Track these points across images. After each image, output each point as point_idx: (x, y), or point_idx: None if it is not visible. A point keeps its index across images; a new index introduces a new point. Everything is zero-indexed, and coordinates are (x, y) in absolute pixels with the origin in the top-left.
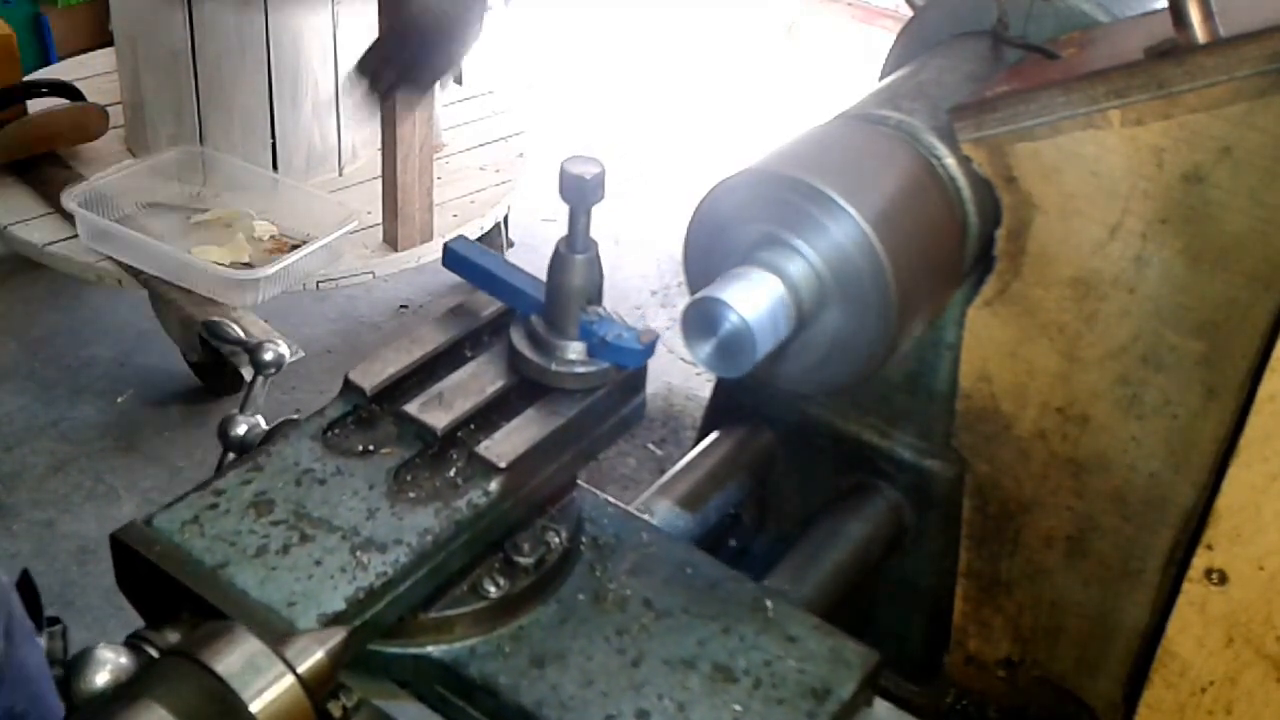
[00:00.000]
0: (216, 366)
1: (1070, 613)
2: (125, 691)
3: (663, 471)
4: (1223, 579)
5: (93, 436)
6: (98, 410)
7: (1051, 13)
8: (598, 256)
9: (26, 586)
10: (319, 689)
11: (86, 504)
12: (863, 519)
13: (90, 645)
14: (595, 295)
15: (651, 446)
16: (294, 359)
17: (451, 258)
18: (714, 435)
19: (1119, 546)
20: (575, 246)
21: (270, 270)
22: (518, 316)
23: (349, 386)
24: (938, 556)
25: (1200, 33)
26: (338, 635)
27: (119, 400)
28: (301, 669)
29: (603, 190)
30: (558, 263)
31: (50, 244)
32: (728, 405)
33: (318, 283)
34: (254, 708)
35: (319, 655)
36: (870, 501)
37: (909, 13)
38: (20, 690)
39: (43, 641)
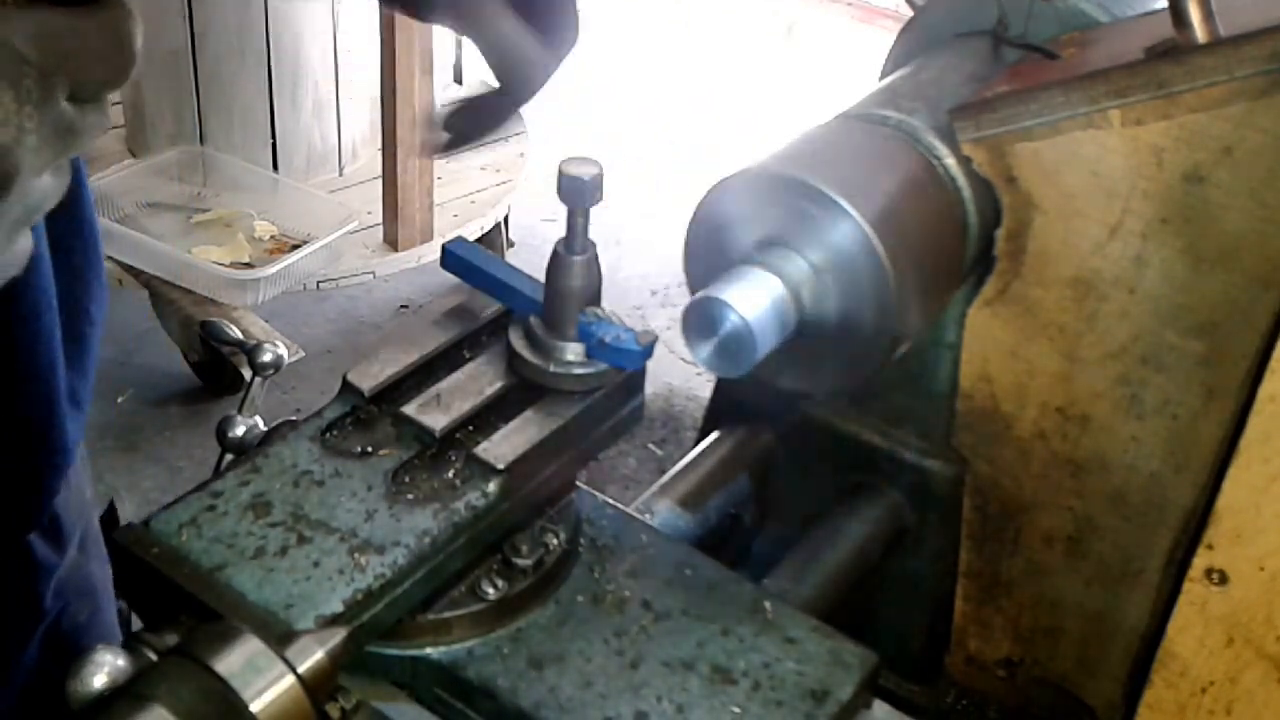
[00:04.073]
0: (216, 366)
1: (1070, 613)
2: (125, 691)
3: (663, 471)
4: (1223, 579)
5: (93, 436)
6: (98, 410)
7: (1051, 13)
8: (596, 258)
9: (110, 515)
10: (319, 689)
11: None
12: (863, 519)
13: (88, 647)
14: (594, 296)
15: (652, 446)
16: (294, 359)
17: (449, 259)
18: (714, 435)
19: (1119, 546)
20: (574, 248)
21: (270, 270)
22: (516, 318)
23: (347, 387)
24: (938, 556)
25: (1200, 33)
26: (338, 635)
27: (119, 400)
28: (302, 669)
29: (601, 191)
30: (556, 264)
31: None
32: (728, 405)
33: (318, 283)
34: (254, 708)
35: (319, 655)
36: (870, 501)
37: (909, 13)
38: (84, 600)
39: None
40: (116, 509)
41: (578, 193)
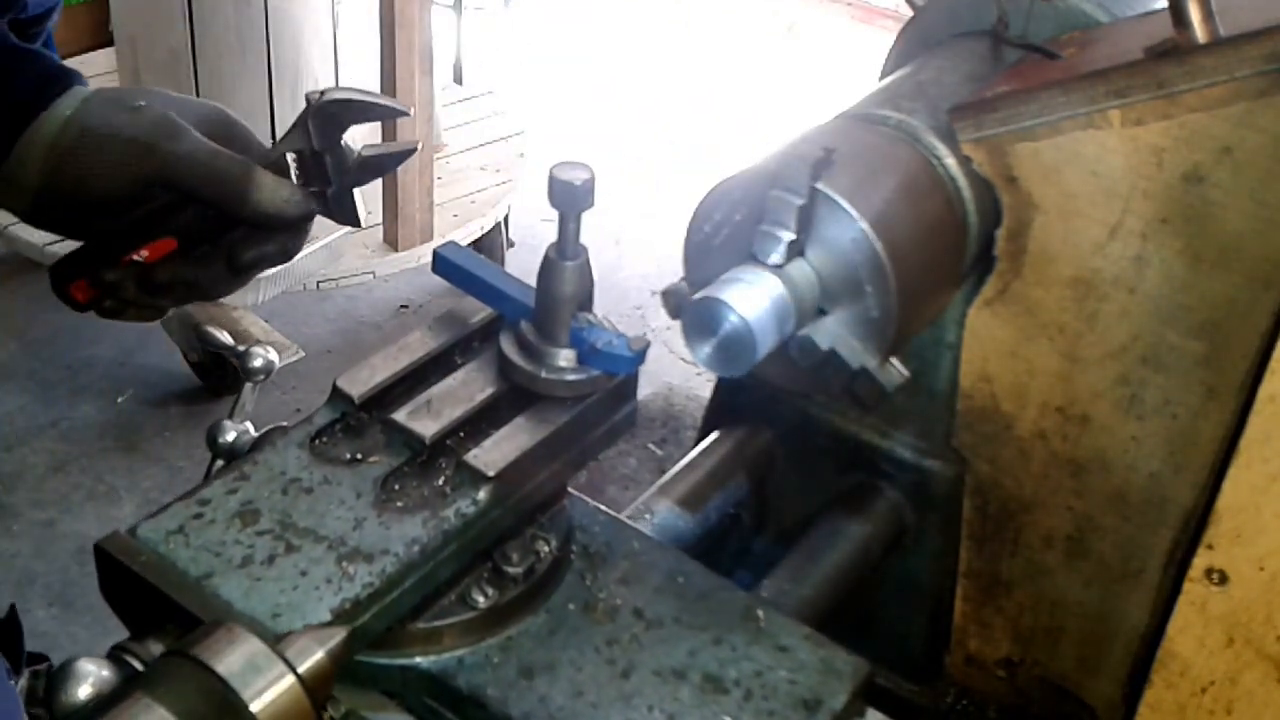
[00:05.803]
0: (216, 366)
1: (1070, 613)
2: (125, 691)
3: (663, 471)
4: (1223, 579)
5: (93, 436)
6: (98, 410)
7: (1051, 13)
8: (588, 263)
9: (10, 623)
10: (319, 689)
11: (86, 504)
12: (863, 519)
13: (71, 658)
14: (586, 302)
15: (652, 446)
16: (294, 359)
17: (441, 264)
18: (714, 435)
19: (1119, 546)
20: (565, 253)
21: (270, 270)
22: (507, 323)
23: (337, 393)
24: (938, 556)
25: (1200, 33)
26: (338, 635)
27: (119, 400)
28: (302, 669)
29: (592, 196)
30: (548, 269)
31: (50, 244)
32: (728, 405)
33: (318, 283)
34: (254, 707)
35: (319, 655)
36: (870, 501)
37: (909, 13)
38: None
39: (23, 681)
40: (16, 611)
41: (569, 197)
